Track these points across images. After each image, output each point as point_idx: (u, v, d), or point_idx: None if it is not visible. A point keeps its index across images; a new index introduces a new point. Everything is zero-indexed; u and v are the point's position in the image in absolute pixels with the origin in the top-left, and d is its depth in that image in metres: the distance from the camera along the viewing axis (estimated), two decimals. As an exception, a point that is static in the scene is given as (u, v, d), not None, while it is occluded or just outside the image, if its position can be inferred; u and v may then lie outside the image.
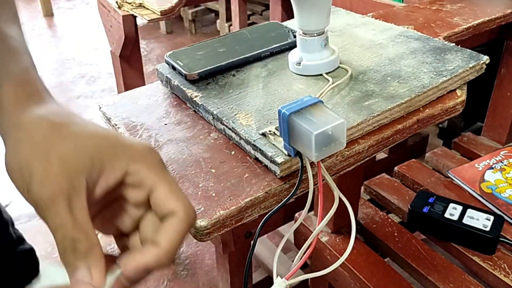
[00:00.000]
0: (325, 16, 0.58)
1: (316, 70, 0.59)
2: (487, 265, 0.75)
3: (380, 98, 0.54)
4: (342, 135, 0.43)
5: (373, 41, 0.67)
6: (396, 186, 0.96)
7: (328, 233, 0.84)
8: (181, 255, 1.45)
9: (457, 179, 0.92)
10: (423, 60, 0.61)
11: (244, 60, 0.62)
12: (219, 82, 0.59)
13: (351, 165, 0.51)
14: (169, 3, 1.00)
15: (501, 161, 0.95)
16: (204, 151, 0.50)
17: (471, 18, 0.82)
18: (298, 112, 0.43)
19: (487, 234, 0.74)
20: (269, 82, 0.59)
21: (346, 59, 0.63)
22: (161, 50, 2.81)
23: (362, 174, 0.87)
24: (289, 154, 0.45)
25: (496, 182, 0.89)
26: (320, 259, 0.85)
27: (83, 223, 0.29)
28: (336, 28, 0.72)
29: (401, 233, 0.84)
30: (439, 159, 1.02)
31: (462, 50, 0.63)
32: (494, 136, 1.09)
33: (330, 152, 0.43)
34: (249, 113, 0.52)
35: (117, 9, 1.05)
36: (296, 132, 0.42)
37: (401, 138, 0.54)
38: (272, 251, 1.24)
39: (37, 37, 3.01)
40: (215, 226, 0.42)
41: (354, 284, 0.78)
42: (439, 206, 0.80)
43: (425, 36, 0.68)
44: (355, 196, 0.84)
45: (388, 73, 0.59)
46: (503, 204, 0.84)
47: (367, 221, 0.87)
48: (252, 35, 0.68)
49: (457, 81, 0.58)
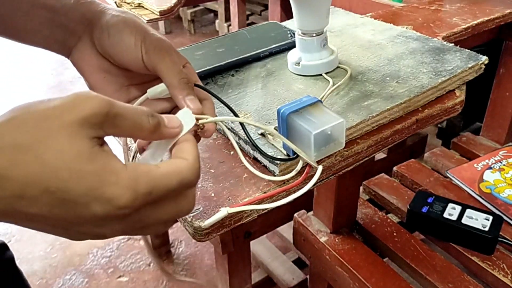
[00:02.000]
0: (324, 16, 0.58)
1: (315, 70, 0.59)
2: (486, 265, 0.75)
3: (379, 98, 0.54)
4: (341, 135, 0.43)
5: (372, 41, 0.67)
6: (395, 186, 0.96)
7: (327, 233, 0.84)
8: (180, 256, 1.45)
9: (456, 179, 0.92)
10: (422, 60, 0.61)
11: (243, 60, 0.62)
12: (218, 82, 0.59)
13: (350, 165, 0.51)
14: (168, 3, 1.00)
15: (500, 161, 0.95)
16: (203, 151, 0.50)
17: (470, 18, 0.82)
18: (297, 112, 0.43)
19: (486, 234, 0.74)
20: (268, 82, 0.59)
21: (345, 59, 0.63)
22: (160, 50, 2.80)
23: (361, 174, 0.87)
24: (288, 154, 0.45)
25: (495, 182, 0.89)
26: (319, 259, 0.85)
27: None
28: (335, 28, 0.72)
29: (400, 233, 0.84)
30: (438, 159, 1.02)
31: (461, 50, 0.63)
32: (493, 136, 1.09)
33: (329, 152, 0.43)
34: (248, 113, 0.52)
35: (116, 9, 1.05)
36: (295, 132, 0.42)
37: (400, 138, 0.54)
38: (271, 251, 1.24)
39: (36, 37, 3.00)
40: (214, 226, 0.42)
41: (353, 284, 0.78)
42: (438, 206, 0.80)
43: (424, 36, 0.68)
44: (354, 196, 0.85)
45: (387, 73, 0.59)
46: (502, 204, 0.84)
47: (366, 221, 0.87)
48: (251, 35, 0.68)
49: (456, 81, 0.58)
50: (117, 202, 0.28)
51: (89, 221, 0.29)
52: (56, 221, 0.29)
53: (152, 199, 0.30)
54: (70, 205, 0.28)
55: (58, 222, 0.29)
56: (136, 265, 1.43)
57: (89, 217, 0.28)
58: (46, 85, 2.40)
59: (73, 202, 0.28)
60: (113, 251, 1.49)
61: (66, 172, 0.27)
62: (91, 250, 1.49)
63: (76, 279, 1.39)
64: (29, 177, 0.27)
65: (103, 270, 1.42)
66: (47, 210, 0.28)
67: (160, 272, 1.39)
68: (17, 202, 0.27)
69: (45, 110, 0.28)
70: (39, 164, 0.27)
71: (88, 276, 1.40)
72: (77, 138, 0.28)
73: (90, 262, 1.45)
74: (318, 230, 0.85)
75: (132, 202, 0.29)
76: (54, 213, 0.28)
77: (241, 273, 1.02)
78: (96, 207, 0.28)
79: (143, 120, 0.32)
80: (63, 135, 0.28)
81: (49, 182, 0.27)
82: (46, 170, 0.27)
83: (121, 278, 1.39)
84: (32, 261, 1.45)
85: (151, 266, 1.42)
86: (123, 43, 0.39)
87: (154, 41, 0.39)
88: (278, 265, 1.20)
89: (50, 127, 0.28)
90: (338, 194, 0.80)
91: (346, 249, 0.81)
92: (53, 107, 0.28)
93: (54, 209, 0.28)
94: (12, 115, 0.28)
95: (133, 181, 0.29)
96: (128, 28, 0.39)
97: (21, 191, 0.27)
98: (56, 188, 0.27)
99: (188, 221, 0.41)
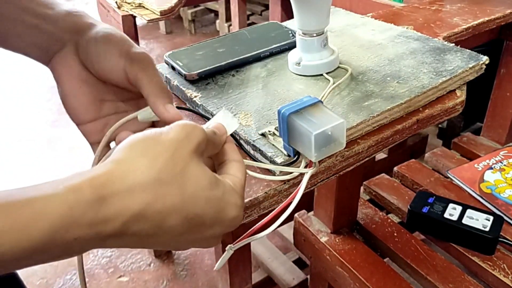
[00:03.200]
0: (324, 16, 0.58)
1: (316, 70, 0.59)
2: (486, 265, 0.75)
3: (380, 98, 0.54)
4: (342, 136, 0.43)
5: (373, 42, 0.67)
6: (396, 186, 0.96)
7: (328, 233, 0.84)
8: (180, 256, 1.45)
9: (456, 179, 0.92)
10: (423, 61, 0.61)
11: (243, 60, 0.62)
12: (218, 82, 0.59)
13: (350, 166, 0.51)
14: (169, 3, 0.99)
15: (500, 161, 0.95)
16: (204, 151, 0.50)
17: (470, 19, 0.82)
18: (297, 112, 0.43)
19: (487, 234, 0.74)
20: (269, 82, 0.59)
21: (345, 59, 0.63)
22: (161, 50, 2.81)
23: (361, 174, 0.87)
24: (289, 154, 0.45)
25: (496, 182, 0.89)
26: (319, 259, 0.85)
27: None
28: (335, 28, 0.72)
29: (400, 233, 0.84)
30: (439, 159, 1.02)
31: (461, 50, 0.63)
32: (493, 136, 1.09)
33: (329, 152, 0.43)
34: (249, 113, 0.52)
35: (117, 9, 1.05)
36: (295, 132, 0.42)
37: (400, 138, 0.54)
38: (272, 251, 1.24)
39: (36, 37, 3.01)
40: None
41: (354, 284, 0.78)
42: (438, 206, 0.80)
43: (424, 37, 0.68)
44: (354, 196, 0.85)
45: (387, 73, 0.59)
46: (502, 204, 0.84)
47: (366, 221, 0.87)
48: (251, 35, 0.68)
49: (456, 81, 0.58)
50: (235, 223, 0.33)
51: (206, 239, 0.32)
52: (177, 243, 0.32)
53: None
54: (201, 229, 0.31)
55: (178, 243, 0.32)
56: (137, 265, 1.43)
57: (209, 236, 0.32)
58: (46, 85, 2.40)
59: (203, 225, 0.31)
60: (113, 251, 1.49)
61: (203, 199, 0.30)
62: (91, 250, 1.49)
63: (76, 279, 1.39)
64: (171, 208, 0.29)
65: (104, 270, 1.42)
66: (179, 234, 0.30)
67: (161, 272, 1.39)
68: (155, 231, 0.29)
69: (170, 141, 0.31)
70: (181, 195, 0.29)
71: (89, 276, 1.40)
72: (203, 165, 0.32)
73: (90, 262, 1.45)
74: (319, 230, 0.85)
75: (241, 219, 0.33)
76: (183, 237, 0.31)
77: (242, 273, 1.01)
78: (218, 228, 0.32)
79: (215, 139, 0.35)
80: (195, 164, 0.31)
81: (188, 210, 0.30)
82: (187, 199, 0.30)
83: (121, 278, 1.39)
84: (33, 261, 1.45)
85: (152, 266, 1.43)
86: (108, 53, 0.40)
87: (137, 54, 0.40)
88: (278, 265, 1.20)
89: (183, 158, 0.30)
90: (339, 194, 0.80)
91: (347, 249, 0.81)
92: (173, 138, 0.31)
93: (185, 234, 0.30)
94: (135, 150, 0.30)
95: (242, 199, 0.34)
96: (114, 40, 0.41)
97: (162, 222, 0.29)
98: (195, 215, 0.30)
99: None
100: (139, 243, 0.30)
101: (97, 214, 0.27)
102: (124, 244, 0.30)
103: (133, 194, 0.28)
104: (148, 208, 0.28)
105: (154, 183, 0.29)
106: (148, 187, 0.28)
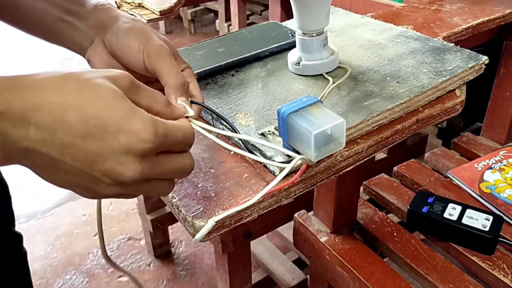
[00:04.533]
0: (324, 16, 0.58)
1: (316, 70, 0.59)
2: (486, 265, 0.75)
3: (380, 98, 0.54)
4: (342, 135, 0.43)
5: (373, 41, 0.67)
6: (396, 186, 0.96)
7: (327, 233, 0.84)
8: (180, 255, 1.45)
9: (456, 179, 0.92)
10: (423, 60, 0.61)
11: (243, 60, 0.62)
12: (218, 82, 0.59)
13: (350, 165, 0.51)
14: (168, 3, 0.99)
15: (500, 161, 0.95)
16: (203, 151, 0.50)
17: (470, 18, 0.82)
18: (297, 112, 0.43)
19: (486, 234, 0.74)
20: (269, 82, 0.59)
21: (345, 59, 0.63)
22: (161, 50, 2.80)
23: (361, 174, 0.87)
24: (288, 154, 0.45)
25: (495, 182, 0.89)
26: (319, 259, 0.85)
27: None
28: (335, 28, 0.72)
29: (400, 233, 0.84)
30: (438, 159, 1.02)
31: (461, 50, 0.63)
32: (493, 136, 1.09)
33: (329, 152, 0.43)
34: (248, 113, 0.52)
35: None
36: (295, 132, 0.42)
37: (400, 138, 0.54)
38: (272, 251, 1.24)
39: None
40: (214, 226, 0.42)
41: (353, 284, 0.78)
42: (438, 206, 0.80)
43: (424, 36, 0.68)
44: (354, 196, 0.84)
45: (387, 73, 0.59)
46: (502, 204, 0.84)
47: (366, 221, 0.87)
48: (251, 35, 0.68)
49: (456, 81, 0.58)
50: (140, 135, 0.32)
51: (115, 154, 0.32)
52: (84, 155, 0.31)
53: (167, 143, 0.34)
54: (102, 133, 0.31)
55: (86, 156, 0.32)
56: (136, 265, 1.43)
57: (115, 148, 0.32)
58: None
59: (105, 130, 0.31)
60: (113, 251, 1.49)
61: (102, 103, 0.31)
62: (91, 250, 1.49)
63: (76, 279, 1.39)
64: (70, 103, 0.31)
65: (103, 270, 1.42)
66: (81, 137, 0.31)
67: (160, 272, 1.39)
68: (56, 126, 0.31)
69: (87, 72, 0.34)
70: (80, 95, 0.31)
71: (88, 276, 1.40)
72: (112, 85, 0.33)
73: (90, 261, 1.45)
74: (318, 230, 0.85)
75: (154, 137, 0.32)
76: (86, 141, 0.31)
77: (241, 273, 1.02)
78: (123, 138, 0.31)
79: (158, 93, 0.37)
80: (103, 81, 0.33)
81: (86, 109, 0.31)
82: (86, 100, 0.31)
83: (121, 278, 1.39)
84: (32, 260, 1.45)
85: (151, 266, 1.43)
86: (128, 46, 0.44)
87: (155, 46, 0.44)
88: (278, 265, 1.20)
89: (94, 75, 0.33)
90: (338, 194, 0.80)
91: (346, 249, 0.81)
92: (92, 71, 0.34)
93: (87, 138, 0.31)
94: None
95: (154, 121, 0.33)
96: (133, 34, 0.45)
97: (61, 116, 0.31)
98: (93, 115, 0.31)
99: (189, 220, 0.41)
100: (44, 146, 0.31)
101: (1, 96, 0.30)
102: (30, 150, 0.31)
103: (35, 87, 0.31)
104: (47, 99, 0.31)
105: (57, 80, 0.32)
106: (50, 83, 0.32)
